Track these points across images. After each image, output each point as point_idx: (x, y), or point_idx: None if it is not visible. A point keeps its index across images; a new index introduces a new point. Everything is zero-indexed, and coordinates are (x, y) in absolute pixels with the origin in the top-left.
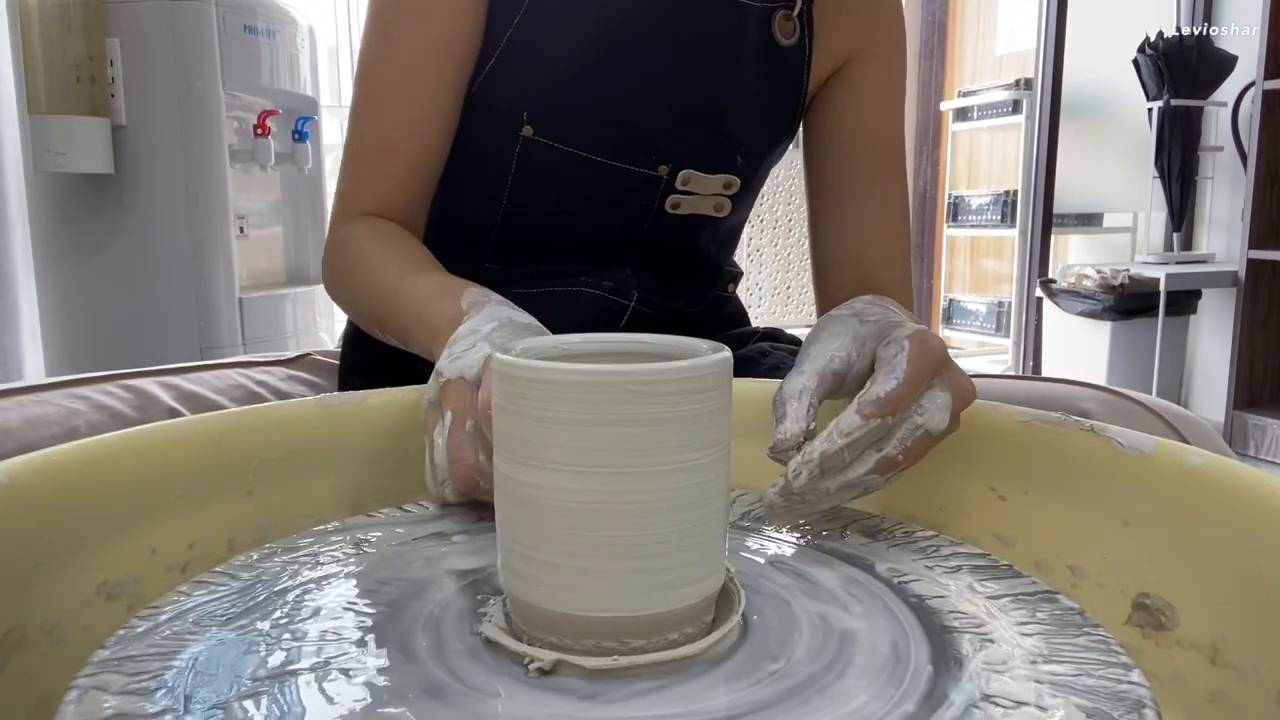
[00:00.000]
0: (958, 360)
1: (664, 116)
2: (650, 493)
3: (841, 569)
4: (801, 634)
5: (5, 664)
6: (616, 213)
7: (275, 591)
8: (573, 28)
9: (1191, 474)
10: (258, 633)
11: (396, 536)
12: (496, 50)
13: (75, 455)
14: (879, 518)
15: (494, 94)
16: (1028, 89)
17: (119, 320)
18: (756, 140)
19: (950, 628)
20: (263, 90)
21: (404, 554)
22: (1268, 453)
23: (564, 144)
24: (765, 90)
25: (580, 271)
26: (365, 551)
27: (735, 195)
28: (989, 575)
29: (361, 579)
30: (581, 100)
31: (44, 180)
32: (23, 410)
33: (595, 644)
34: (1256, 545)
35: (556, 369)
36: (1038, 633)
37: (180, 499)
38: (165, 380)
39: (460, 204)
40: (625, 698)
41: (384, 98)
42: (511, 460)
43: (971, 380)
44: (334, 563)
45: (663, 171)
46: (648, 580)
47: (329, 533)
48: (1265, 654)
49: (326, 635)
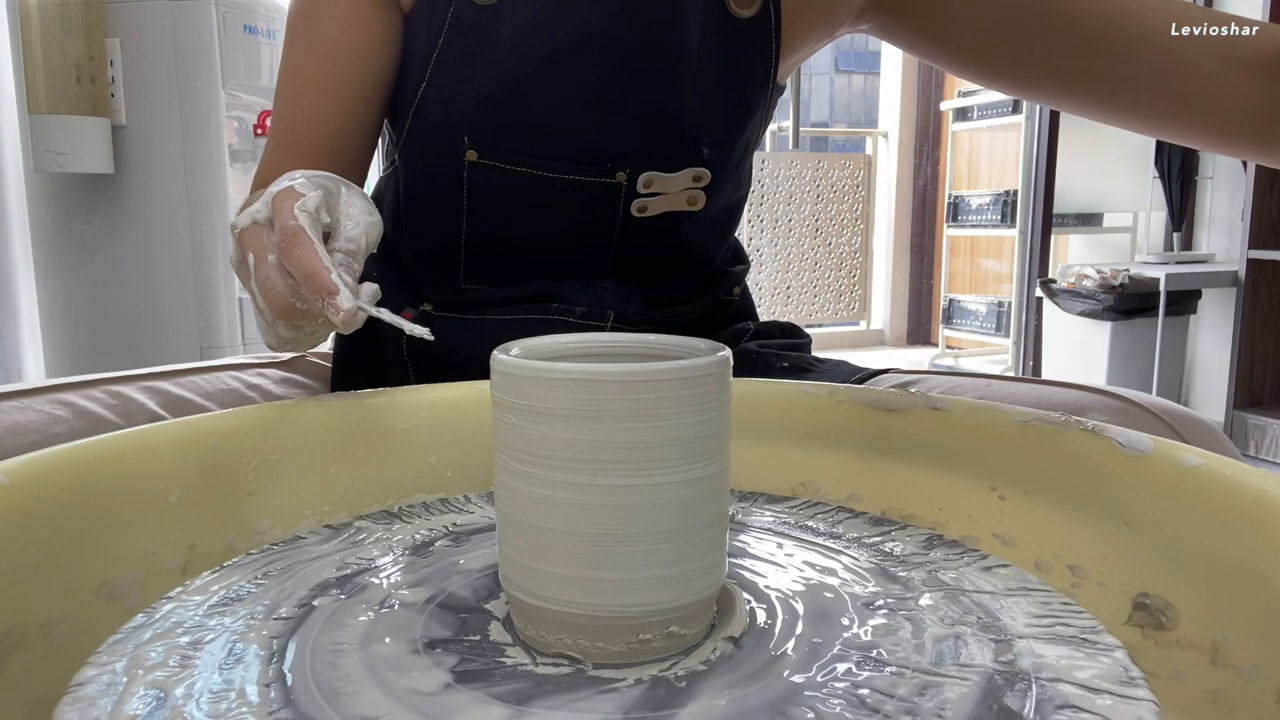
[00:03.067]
0: (958, 360)
1: (610, 123)
2: (650, 492)
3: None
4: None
5: (5, 664)
6: (581, 225)
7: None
8: (498, 43)
9: (1191, 474)
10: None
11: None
12: (426, 72)
13: (75, 455)
14: (881, 518)
15: (432, 116)
16: None
17: (119, 320)
18: (721, 127)
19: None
20: (263, 90)
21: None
22: (1268, 453)
23: (510, 164)
24: (725, 71)
25: (556, 292)
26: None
27: (709, 186)
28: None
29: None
30: (520, 117)
31: (44, 180)
32: (4, 418)
33: (595, 643)
34: (1256, 545)
35: (555, 369)
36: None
37: (180, 499)
38: (153, 385)
39: (425, 229)
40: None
41: (282, 101)
42: (510, 458)
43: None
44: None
45: (621, 178)
46: (648, 579)
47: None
48: (1265, 654)
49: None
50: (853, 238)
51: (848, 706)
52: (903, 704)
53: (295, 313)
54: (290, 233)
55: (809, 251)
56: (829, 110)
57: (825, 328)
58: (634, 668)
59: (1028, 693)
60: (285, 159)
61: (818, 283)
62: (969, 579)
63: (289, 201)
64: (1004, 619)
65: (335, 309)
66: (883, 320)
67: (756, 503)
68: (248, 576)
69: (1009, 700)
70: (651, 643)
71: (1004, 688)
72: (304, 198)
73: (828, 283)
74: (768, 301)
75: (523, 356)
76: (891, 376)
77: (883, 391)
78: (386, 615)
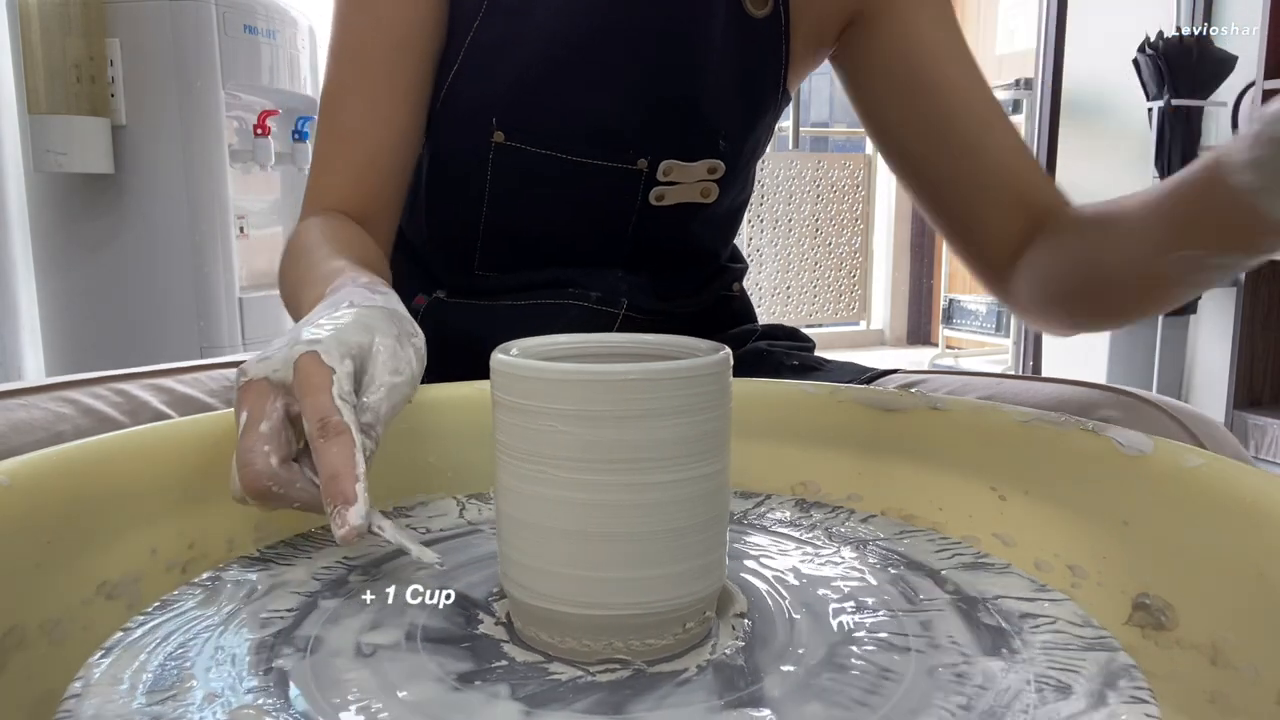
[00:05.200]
0: (958, 360)
1: (634, 110)
2: (650, 492)
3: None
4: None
5: (5, 664)
6: (600, 211)
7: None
8: (533, 27)
9: (1191, 474)
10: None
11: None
12: (460, 52)
13: (75, 455)
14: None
15: (463, 99)
16: (1028, 89)
17: (119, 320)
18: (737, 121)
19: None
20: (263, 90)
21: None
22: (1268, 453)
23: (536, 146)
24: (741, 67)
25: (570, 279)
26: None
27: (722, 179)
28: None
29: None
30: (548, 101)
31: (44, 180)
32: (8, 415)
33: (595, 642)
34: (1256, 545)
35: (555, 369)
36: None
37: (180, 499)
38: (157, 382)
39: (444, 212)
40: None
41: (344, 89)
42: (511, 458)
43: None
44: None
45: (642, 165)
46: (648, 578)
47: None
48: (1265, 654)
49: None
50: (853, 238)
51: (880, 650)
52: (920, 638)
53: (268, 494)
54: (334, 429)
55: (809, 251)
56: (829, 110)
57: (825, 328)
58: (680, 657)
59: (992, 612)
60: (344, 157)
61: (818, 283)
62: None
63: (315, 375)
64: (917, 558)
65: (343, 521)
66: (883, 320)
67: (756, 502)
68: (248, 576)
69: (984, 619)
70: (652, 642)
71: (969, 611)
72: (335, 376)
73: (828, 283)
74: (768, 301)
75: (523, 356)
76: (899, 377)
77: (883, 391)
78: (387, 615)
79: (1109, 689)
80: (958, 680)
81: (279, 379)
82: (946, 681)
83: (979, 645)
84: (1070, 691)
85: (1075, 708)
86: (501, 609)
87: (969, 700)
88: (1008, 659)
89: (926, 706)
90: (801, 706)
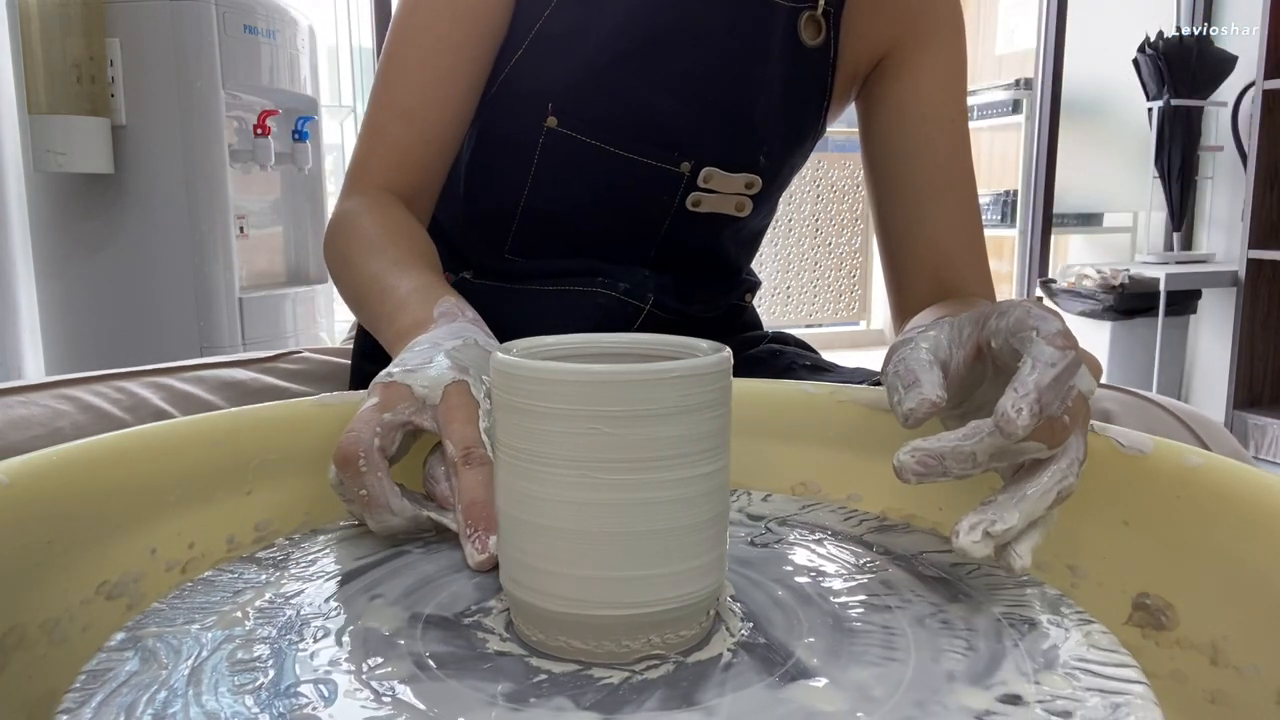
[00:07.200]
0: None
1: (688, 112)
2: (650, 491)
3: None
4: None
5: (5, 664)
6: (637, 208)
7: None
8: (601, 21)
9: (1191, 474)
10: (257, 637)
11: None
12: (526, 39)
13: (75, 455)
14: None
15: (522, 83)
16: (1028, 89)
17: (119, 320)
18: (779, 140)
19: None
20: (263, 90)
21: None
22: (1268, 453)
23: (587, 136)
24: (789, 91)
25: (598, 270)
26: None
27: (757, 195)
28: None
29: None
30: (606, 93)
31: (44, 180)
32: (8, 411)
33: (597, 642)
34: (1256, 545)
35: (556, 369)
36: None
37: (180, 499)
38: (158, 380)
39: (484, 193)
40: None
41: (406, 65)
42: (511, 458)
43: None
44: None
45: (685, 168)
46: (647, 579)
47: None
48: (1265, 654)
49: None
50: (853, 238)
51: (870, 611)
52: (891, 595)
53: (352, 469)
54: (479, 459)
55: (809, 251)
56: None
57: (825, 328)
58: (706, 645)
59: (927, 565)
60: (401, 132)
61: (818, 283)
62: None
63: (465, 407)
64: (836, 526)
65: (484, 546)
66: (883, 320)
67: (756, 502)
68: (248, 575)
69: (925, 571)
70: (653, 641)
71: (910, 566)
72: (482, 410)
73: (828, 283)
74: (768, 301)
75: (523, 356)
76: None
77: (883, 391)
78: (387, 614)
79: (1059, 615)
80: (946, 627)
81: (422, 394)
82: (937, 629)
83: (940, 595)
84: (1036, 624)
85: (1055, 638)
86: (494, 622)
87: (968, 643)
88: (967, 603)
89: (941, 653)
90: (845, 671)
